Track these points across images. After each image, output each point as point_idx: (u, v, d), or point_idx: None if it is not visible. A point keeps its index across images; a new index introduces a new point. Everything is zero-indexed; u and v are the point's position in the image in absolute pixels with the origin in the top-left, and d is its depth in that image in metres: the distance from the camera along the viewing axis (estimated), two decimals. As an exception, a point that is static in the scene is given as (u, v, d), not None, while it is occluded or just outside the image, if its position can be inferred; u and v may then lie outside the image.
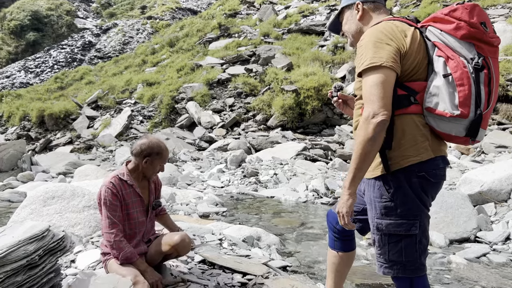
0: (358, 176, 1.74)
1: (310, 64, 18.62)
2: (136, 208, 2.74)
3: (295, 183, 8.96)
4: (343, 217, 1.77)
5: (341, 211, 1.78)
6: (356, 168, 1.72)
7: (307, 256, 4.32)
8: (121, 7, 61.36)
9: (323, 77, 16.68)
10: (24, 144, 14.90)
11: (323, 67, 18.33)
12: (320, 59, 19.28)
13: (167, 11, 52.16)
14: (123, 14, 59.12)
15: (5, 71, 46.91)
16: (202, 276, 2.85)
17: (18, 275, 1.90)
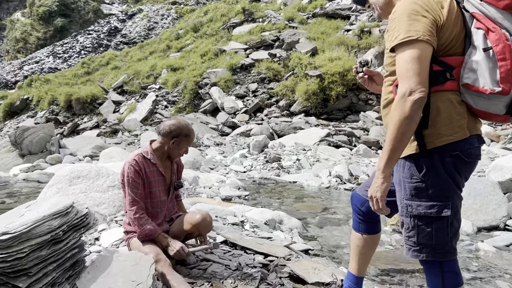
0: (394, 158, 1.65)
1: (335, 49, 18.33)
2: (158, 187, 2.75)
3: (318, 168, 8.88)
4: (377, 202, 1.70)
5: (374, 195, 1.70)
6: (391, 149, 1.62)
7: (330, 240, 4.28)
8: (146, -7, 61.56)
9: (348, 62, 16.38)
10: (53, 127, 15.21)
11: (348, 52, 18.01)
12: (345, 44, 18.94)
13: (191, -4, 52.09)
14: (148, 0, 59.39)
15: (34, 56, 48.07)
16: (224, 256, 2.86)
17: (43, 249, 1.93)
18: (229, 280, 2.45)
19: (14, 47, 55.31)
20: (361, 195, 2.08)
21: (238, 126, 15.89)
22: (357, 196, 2.10)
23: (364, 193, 2.04)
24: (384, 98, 1.85)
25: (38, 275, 1.89)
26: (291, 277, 2.56)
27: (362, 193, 2.07)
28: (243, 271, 2.59)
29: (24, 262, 1.84)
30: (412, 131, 1.62)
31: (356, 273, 2.12)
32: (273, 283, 2.46)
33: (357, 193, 2.11)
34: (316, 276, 2.50)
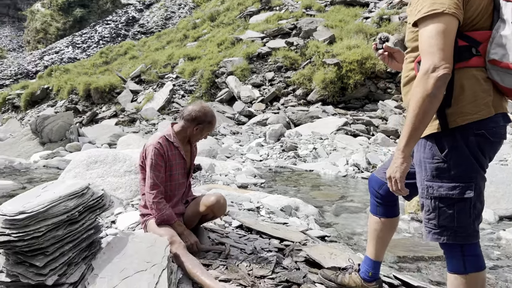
0: (415, 137, 1.58)
1: (353, 36, 18.03)
2: (178, 170, 2.77)
3: (335, 157, 8.80)
4: (396, 183, 1.63)
5: (393, 176, 1.63)
6: (412, 128, 1.55)
7: (346, 227, 4.23)
8: (163, -18, 61.54)
9: (366, 50, 16.10)
10: (72, 116, 15.42)
11: (367, 40, 17.69)
12: (364, 32, 18.60)
13: (208, -15, 51.90)
14: (165, -11, 59.37)
15: (54, 46, 48.74)
16: (239, 240, 2.84)
17: (59, 229, 1.94)
18: (244, 264, 2.43)
19: (34, 38, 56.15)
20: (379, 178, 2.02)
21: (255, 115, 15.85)
22: (375, 178, 2.04)
23: (382, 176, 1.99)
24: (405, 76, 1.78)
25: (55, 254, 1.91)
26: (307, 261, 2.53)
27: (380, 175, 2.01)
28: (258, 255, 2.57)
29: (41, 241, 1.85)
30: (435, 110, 1.55)
31: (374, 257, 2.08)
32: (288, 267, 2.44)
33: (375, 176, 2.05)
34: (332, 261, 2.46)
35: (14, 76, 41.75)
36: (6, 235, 1.80)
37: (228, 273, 2.30)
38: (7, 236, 1.79)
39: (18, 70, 43.67)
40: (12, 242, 1.80)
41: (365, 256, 2.14)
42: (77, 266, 2.02)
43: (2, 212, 1.83)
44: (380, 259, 2.10)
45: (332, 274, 2.23)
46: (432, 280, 2.85)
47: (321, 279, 2.25)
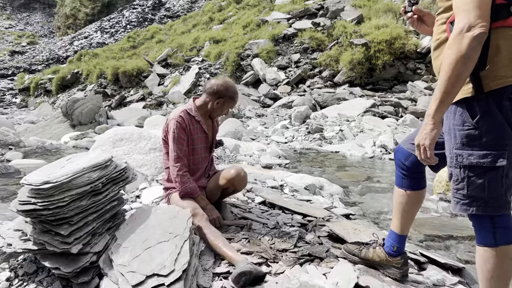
0: (446, 102, 1.48)
1: (382, 16, 17.52)
2: (200, 144, 2.76)
3: (362, 139, 8.66)
4: (425, 150, 1.54)
5: (422, 143, 1.54)
6: (444, 92, 1.45)
7: (372, 207, 4.16)
8: (189, -35, 61.33)
9: (396, 30, 15.64)
10: (101, 99, 15.73)
11: (396, 19, 17.16)
12: (393, 11, 18.03)
13: (234, -33, 51.41)
14: (191, -28, 59.17)
15: (83, 32, 49.61)
16: (262, 215, 2.83)
17: (83, 199, 1.97)
18: (267, 237, 2.42)
19: (64, 23, 57.25)
20: (405, 149, 1.94)
21: (280, 97, 15.73)
22: (401, 150, 1.97)
23: (409, 147, 1.91)
24: (436, 39, 1.68)
25: (79, 224, 1.94)
26: (330, 236, 2.49)
27: (407, 146, 1.93)
28: (280, 230, 2.55)
29: (65, 211, 1.88)
30: (469, 72, 1.45)
31: (399, 231, 2.01)
32: (311, 241, 2.41)
33: (401, 147, 1.97)
34: (356, 236, 2.41)
35: (45, 62, 42.79)
36: (32, 204, 1.84)
37: (250, 246, 2.29)
38: (33, 205, 1.83)
39: (50, 56, 44.71)
40: (37, 211, 1.84)
41: (390, 230, 2.08)
42: (101, 236, 2.05)
43: (28, 181, 1.87)
44: (406, 233, 2.04)
45: (356, 249, 2.19)
46: (460, 258, 2.77)
47: (344, 254, 2.22)
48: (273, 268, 2.09)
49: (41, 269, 2.05)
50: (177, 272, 1.76)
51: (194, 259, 2.01)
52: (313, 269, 2.06)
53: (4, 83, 37.17)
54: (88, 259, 1.92)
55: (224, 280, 1.99)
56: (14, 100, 31.69)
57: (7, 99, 32.02)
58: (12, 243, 1.95)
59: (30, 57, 46.15)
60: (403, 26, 16.72)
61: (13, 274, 2.04)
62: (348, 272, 2.01)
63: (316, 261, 2.19)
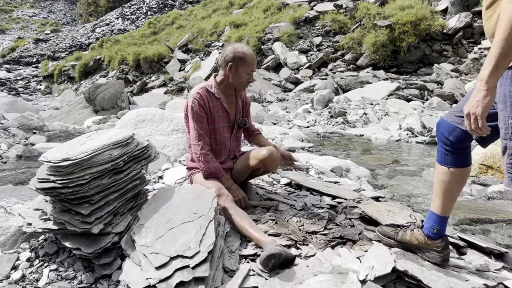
0: (502, 66, 1.32)
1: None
2: (222, 123, 2.61)
3: (387, 122, 8.41)
4: (476, 119, 1.38)
5: (473, 111, 1.39)
6: (500, 53, 1.29)
7: (402, 190, 3.99)
8: (208, -50, 60.82)
9: (421, 10, 15.13)
10: (122, 84, 15.81)
11: (421, 0, 16.59)
12: (419, -9, 17.43)
13: (254, -50, 50.76)
14: (210, -43, 58.68)
15: (105, 19, 50.00)
16: (289, 197, 2.71)
17: (104, 178, 1.89)
18: (295, 219, 2.29)
19: (86, 11, 57.83)
20: (449, 122, 1.77)
21: (301, 81, 15.48)
22: (445, 123, 1.80)
23: (454, 119, 1.75)
24: None
25: (100, 203, 1.86)
26: (362, 218, 2.34)
27: (452, 119, 1.76)
28: (309, 211, 2.42)
29: (85, 189, 1.80)
30: None
31: (440, 212, 1.86)
32: (342, 223, 2.27)
33: (445, 120, 1.81)
34: (390, 218, 2.26)
35: (68, 49, 43.33)
36: (51, 182, 1.76)
37: (277, 227, 2.17)
38: (52, 183, 1.75)
39: (72, 43, 45.25)
40: (56, 189, 1.76)
41: (430, 211, 1.92)
42: (123, 216, 1.97)
43: (47, 159, 1.79)
44: (447, 214, 1.88)
45: (391, 231, 2.04)
46: (500, 243, 2.60)
47: (379, 236, 2.07)
48: (303, 250, 1.97)
49: (62, 250, 1.99)
50: (202, 254, 1.67)
51: (220, 240, 1.91)
52: (346, 252, 1.93)
53: (29, 71, 37.91)
54: (109, 239, 1.84)
55: (251, 263, 1.88)
56: (39, 87, 32.26)
57: (32, 86, 32.62)
58: (32, 222, 1.89)
59: (54, 44, 46.84)
60: (428, 6, 16.16)
61: (34, 255, 1.98)
62: (384, 255, 1.88)
63: (349, 244, 2.06)
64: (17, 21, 62.08)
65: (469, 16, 14.83)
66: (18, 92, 29.27)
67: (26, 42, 49.66)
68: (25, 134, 6.97)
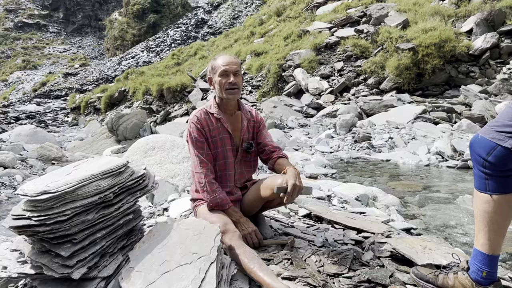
0: None
1: (429, 19, 16.67)
2: (224, 147, 2.32)
3: (415, 146, 8.00)
4: None
5: None
6: None
7: (435, 220, 3.60)
8: (230, -17, 62.60)
9: (445, 32, 14.77)
10: (145, 114, 15.93)
11: (445, 22, 16.25)
12: (441, 13, 17.13)
13: (274, -18, 51.96)
14: (232, -11, 60.30)
15: (131, 52, 51.52)
16: (307, 231, 2.38)
17: (90, 213, 1.64)
18: (314, 258, 1.97)
19: (113, 45, 59.85)
20: (488, 139, 1.44)
21: (323, 107, 15.22)
22: (482, 141, 1.47)
23: (494, 136, 1.42)
24: None
25: (84, 242, 1.60)
26: (393, 257, 2.00)
27: (491, 135, 1.44)
28: (330, 248, 2.09)
29: (66, 227, 1.55)
30: None
31: (487, 250, 1.51)
32: (369, 263, 1.94)
33: (481, 137, 1.47)
34: (426, 256, 1.92)
35: (95, 82, 44.60)
36: (26, 219, 1.52)
37: (293, 269, 1.86)
38: (27, 220, 1.51)
39: (99, 76, 46.60)
40: (32, 227, 1.52)
41: (475, 249, 1.57)
42: (112, 258, 1.71)
43: (23, 191, 1.56)
44: (497, 252, 1.52)
45: (430, 274, 1.70)
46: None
47: (415, 280, 1.73)
48: (322, 298, 1.65)
49: (44, 296, 1.73)
50: (199, 305, 1.38)
51: (224, 286, 1.62)
52: (375, 300, 1.60)
53: (57, 103, 39.10)
54: (95, 285, 1.57)
55: (261, 313, 1.57)
56: (66, 119, 33.10)
57: (60, 118, 33.52)
58: (8, 265, 1.64)
59: (82, 78, 48.35)
60: (452, 28, 15.80)
61: (13, 302, 1.74)
62: (421, 305, 1.54)
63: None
64: (48, 57, 64.74)
65: (496, 36, 14.41)
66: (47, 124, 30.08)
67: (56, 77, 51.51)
68: (43, 165, 6.90)
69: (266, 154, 2.44)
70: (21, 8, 72.74)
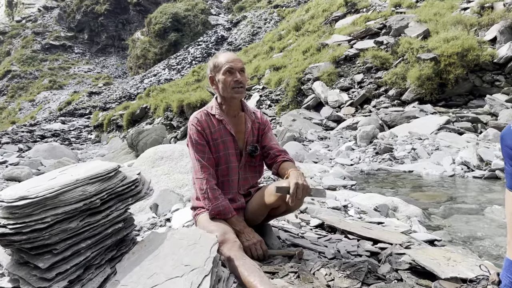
0: None
1: (451, 29, 16.31)
2: (227, 150, 2.16)
3: (439, 157, 7.68)
4: None
5: None
6: None
7: (461, 231, 3.33)
8: (249, 0, 63.43)
9: (468, 41, 14.38)
10: (164, 129, 16.04)
11: (467, 31, 15.86)
12: (463, 23, 16.74)
13: (292, -3, 52.41)
14: (251, 7, 61.11)
15: (153, 70, 52.52)
16: (318, 241, 2.18)
17: (73, 220, 1.50)
18: (323, 271, 1.77)
19: (135, 64, 61.17)
20: None
21: (344, 119, 14.98)
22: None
23: None
24: None
25: (66, 253, 1.47)
26: (413, 269, 1.79)
27: None
28: (342, 261, 1.89)
29: (45, 236, 1.42)
30: None
31: (523, 261, 1.31)
32: (386, 277, 1.73)
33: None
34: (451, 269, 1.70)
35: (118, 100, 45.48)
36: (1, 227, 1.39)
37: (299, 283, 1.67)
38: (2, 228, 1.39)
39: (122, 94, 47.54)
40: (7, 236, 1.39)
41: (507, 259, 1.36)
42: (99, 270, 1.56)
43: (0, 197, 1.43)
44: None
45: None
46: None
47: (437, 296, 1.53)
48: (331, 316, 1.46)
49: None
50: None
51: (219, 302, 1.45)
52: (391, 319, 1.40)
53: (81, 121, 39.97)
54: (77, 300, 1.43)
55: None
56: (90, 136, 33.70)
57: (83, 136, 34.16)
58: (-15, 278, 1.52)
59: (105, 96, 49.45)
60: (475, 37, 15.40)
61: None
62: (445, 326, 1.33)
63: (395, 307, 1.52)
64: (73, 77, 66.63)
65: (521, 44, 13.96)
66: (71, 142, 30.67)
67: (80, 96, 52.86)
68: (59, 179, 6.89)
69: (271, 158, 2.26)
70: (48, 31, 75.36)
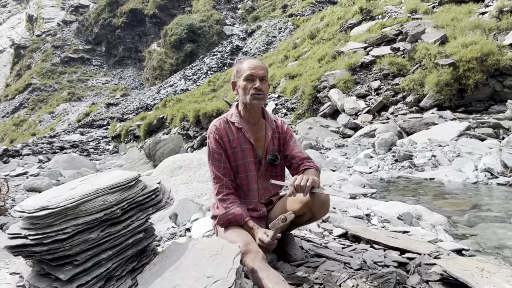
0: None
1: (469, 34, 16.07)
2: (246, 159, 2.12)
3: (460, 163, 7.51)
4: None
5: None
6: None
7: (490, 240, 3.21)
8: (263, 10, 63.89)
9: (487, 45, 14.13)
10: (181, 139, 16.13)
11: (486, 35, 15.61)
12: (481, 27, 16.49)
13: (307, 6, 52.57)
14: (266, 16, 61.46)
15: (169, 81, 53.10)
16: (343, 252, 2.12)
17: (94, 231, 1.48)
18: (350, 283, 1.71)
19: (152, 75, 61.99)
20: None
21: (361, 127, 14.83)
22: None
23: None
24: None
25: (87, 264, 1.44)
26: (444, 281, 1.71)
27: None
28: (369, 272, 1.83)
29: (66, 246, 1.40)
30: None
31: None
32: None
33: None
34: (486, 280, 1.61)
35: (135, 110, 46.02)
36: (22, 237, 1.37)
37: (325, 296, 1.62)
38: (23, 239, 1.37)
39: (139, 105, 48.08)
40: (28, 247, 1.37)
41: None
42: (120, 281, 1.53)
43: (21, 208, 1.42)
44: None
45: (491, 303, 1.42)
46: None
47: (472, 310, 1.46)
48: (360, 330, 1.40)
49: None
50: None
51: (243, 315, 1.40)
52: (424, 334, 1.33)
53: (99, 132, 40.51)
54: (98, 313, 1.39)
55: None
56: (108, 147, 34.09)
57: (101, 147, 34.58)
58: (6, 290, 1.50)
59: (123, 107, 50.11)
60: (494, 41, 15.13)
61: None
62: None
63: (427, 321, 1.45)
64: (92, 89, 67.82)
65: (543, 47, 13.66)
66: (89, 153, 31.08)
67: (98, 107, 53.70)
68: (78, 189, 6.95)
69: (294, 168, 2.22)
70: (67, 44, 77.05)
